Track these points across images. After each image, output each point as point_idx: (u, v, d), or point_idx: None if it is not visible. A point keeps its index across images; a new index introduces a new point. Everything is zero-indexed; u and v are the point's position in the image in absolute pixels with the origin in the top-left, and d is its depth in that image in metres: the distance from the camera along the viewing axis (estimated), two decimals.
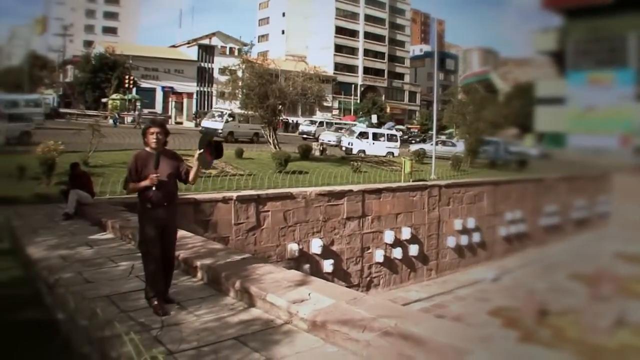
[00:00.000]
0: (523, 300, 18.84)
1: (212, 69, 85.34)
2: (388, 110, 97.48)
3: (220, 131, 41.89)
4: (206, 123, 45.93)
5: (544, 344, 14.95)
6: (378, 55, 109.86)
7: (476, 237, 29.01)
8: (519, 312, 18.14)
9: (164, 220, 7.26)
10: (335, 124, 61.07)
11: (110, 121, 52.02)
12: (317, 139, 48.71)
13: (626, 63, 20.06)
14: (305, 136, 56.17)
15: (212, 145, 7.58)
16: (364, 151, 42.74)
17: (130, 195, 17.50)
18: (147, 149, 7.37)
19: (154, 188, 7.11)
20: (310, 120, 64.16)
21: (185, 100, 77.46)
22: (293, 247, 20.75)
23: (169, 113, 72.60)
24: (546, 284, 20.70)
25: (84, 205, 14.60)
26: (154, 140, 7.29)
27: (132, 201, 16.23)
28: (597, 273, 18.44)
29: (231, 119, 44.15)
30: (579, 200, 31.25)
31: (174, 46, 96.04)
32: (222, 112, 46.17)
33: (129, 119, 58.61)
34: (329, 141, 46.35)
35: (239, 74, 33.93)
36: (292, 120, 71.30)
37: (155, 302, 7.11)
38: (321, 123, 61.06)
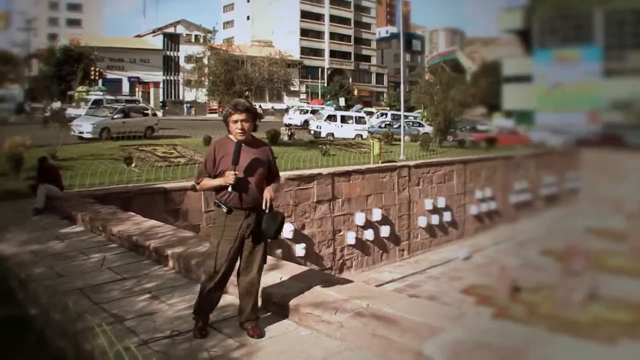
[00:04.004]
0: (496, 278, 19.01)
1: (178, 57, 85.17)
2: (355, 92, 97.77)
3: None
4: None
5: (518, 319, 15.09)
6: (344, 38, 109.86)
7: (447, 216, 29.13)
8: (492, 290, 18.30)
9: (245, 232, 5.81)
10: (94, 102, 45.24)
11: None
12: None
13: (592, 40, 20.19)
14: None
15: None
16: (332, 134, 42.79)
17: (99, 187, 17.31)
18: (232, 137, 5.88)
19: (229, 189, 5.68)
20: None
21: (152, 90, 77.29)
22: None
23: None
24: (518, 260, 20.89)
25: (53, 199, 14.46)
26: (239, 131, 5.75)
27: (101, 193, 16.18)
28: (568, 248, 18.65)
29: None
30: (549, 176, 31.49)
31: (139, 36, 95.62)
32: None
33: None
34: (81, 133, 30.09)
35: (205, 61, 33.86)
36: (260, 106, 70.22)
37: (200, 324, 5.96)
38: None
